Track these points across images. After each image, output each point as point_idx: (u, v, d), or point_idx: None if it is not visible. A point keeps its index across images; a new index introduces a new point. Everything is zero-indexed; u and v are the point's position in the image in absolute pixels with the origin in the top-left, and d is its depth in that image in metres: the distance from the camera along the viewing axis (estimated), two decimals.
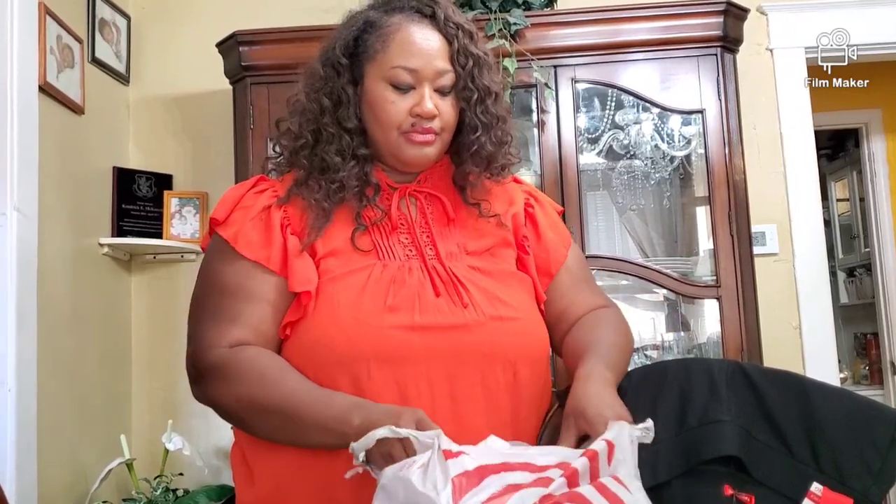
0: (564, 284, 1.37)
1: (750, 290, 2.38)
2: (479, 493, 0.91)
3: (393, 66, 1.24)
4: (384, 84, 1.25)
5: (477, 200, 1.34)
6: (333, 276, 1.21)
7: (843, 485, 1.05)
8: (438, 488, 0.90)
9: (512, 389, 1.21)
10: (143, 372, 2.77)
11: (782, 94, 2.80)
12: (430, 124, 1.26)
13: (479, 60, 1.29)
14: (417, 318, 1.18)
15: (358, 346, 1.14)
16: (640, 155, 2.61)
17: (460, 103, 1.29)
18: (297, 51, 2.42)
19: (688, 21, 2.44)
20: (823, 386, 1.16)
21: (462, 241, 1.30)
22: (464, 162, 1.32)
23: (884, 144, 4.53)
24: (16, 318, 2.07)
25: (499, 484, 0.92)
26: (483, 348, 1.20)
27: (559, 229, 1.42)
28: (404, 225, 1.28)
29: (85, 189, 2.56)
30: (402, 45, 1.25)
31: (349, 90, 1.27)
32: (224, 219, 1.27)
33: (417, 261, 1.24)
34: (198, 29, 2.85)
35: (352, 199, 1.27)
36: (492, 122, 1.31)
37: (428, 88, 1.25)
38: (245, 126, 2.47)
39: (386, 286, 1.20)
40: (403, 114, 1.25)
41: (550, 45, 2.45)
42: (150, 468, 2.51)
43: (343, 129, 1.27)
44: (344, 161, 1.26)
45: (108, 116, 2.72)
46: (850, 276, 5.49)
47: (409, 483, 0.92)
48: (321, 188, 1.26)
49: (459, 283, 1.23)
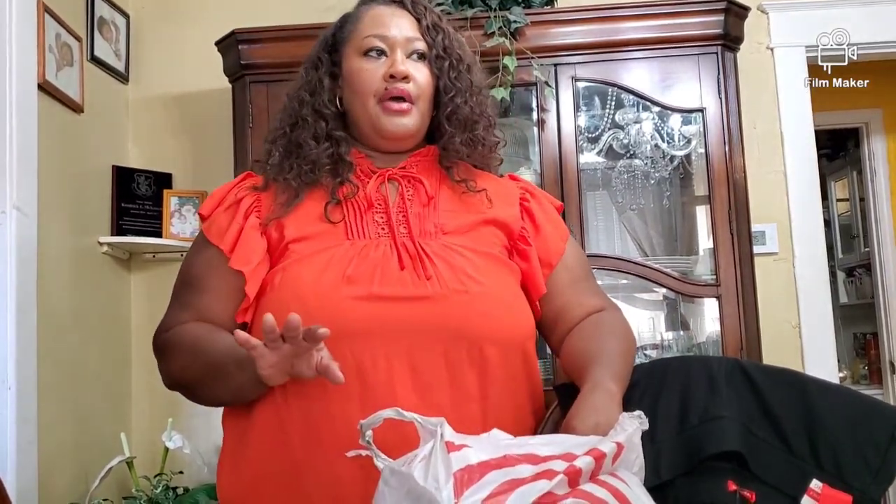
0: (562, 282, 1.35)
1: (750, 289, 2.38)
2: (481, 489, 0.90)
3: (365, 36, 1.32)
4: (358, 56, 1.32)
5: (463, 178, 1.34)
6: (300, 256, 1.23)
7: (843, 482, 1.05)
8: (440, 483, 0.89)
9: (479, 368, 1.19)
10: (143, 370, 2.77)
11: (783, 93, 2.80)
12: (405, 86, 1.29)
13: (450, 34, 1.35)
14: (375, 289, 1.18)
15: (314, 318, 1.10)
16: (640, 154, 2.61)
17: (434, 71, 1.33)
18: (296, 49, 2.42)
19: (688, 19, 2.43)
20: (823, 383, 1.16)
21: (440, 222, 1.29)
22: (444, 132, 1.34)
23: (884, 144, 4.53)
24: (16, 316, 2.07)
25: (500, 479, 0.91)
26: (444, 321, 1.18)
27: (556, 223, 1.41)
28: (381, 205, 1.29)
29: (84, 188, 2.55)
30: (372, 18, 1.34)
31: (326, 80, 1.34)
32: (208, 214, 1.34)
33: (388, 238, 1.25)
34: (197, 27, 2.85)
35: (326, 179, 1.30)
36: (466, 87, 1.34)
37: (400, 54, 1.31)
38: (244, 124, 2.47)
39: (347, 261, 1.21)
40: (377, 78, 1.30)
41: (550, 43, 2.45)
42: (151, 466, 2.51)
43: (319, 115, 1.32)
44: (318, 143, 1.31)
45: (107, 115, 2.72)
46: (850, 275, 5.49)
47: (410, 478, 0.91)
48: (293, 169, 1.31)
49: (427, 257, 1.22)
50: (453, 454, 0.93)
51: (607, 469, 0.96)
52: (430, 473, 0.91)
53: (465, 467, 0.91)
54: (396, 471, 0.95)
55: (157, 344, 1.32)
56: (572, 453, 0.94)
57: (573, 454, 0.94)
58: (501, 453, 0.94)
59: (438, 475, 0.90)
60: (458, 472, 0.90)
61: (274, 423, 1.18)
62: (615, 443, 0.98)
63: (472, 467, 0.92)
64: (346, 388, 1.11)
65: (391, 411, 1.00)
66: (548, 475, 0.91)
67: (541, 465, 0.93)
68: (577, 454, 0.94)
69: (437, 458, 0.92)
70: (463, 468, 0.91)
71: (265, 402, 1.19)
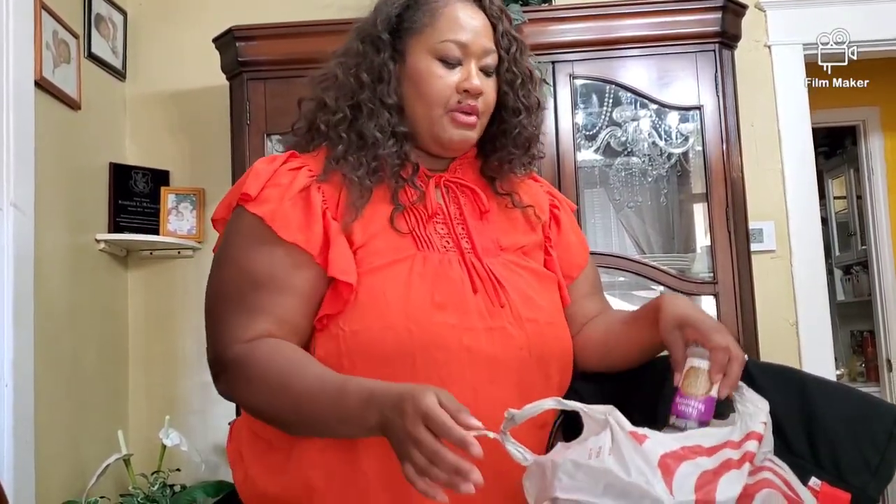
0: (579, 290, 1.37)
1: (747, 286, 2.38)
2: (684, 481, 0.86)
3: (442, 39, 1.22)
4: (431, 58, 1.23)
5: (507, 192, 1.33)
6: (374, 266, 1.16)
7: (841, 480, 1.05)
8: (649, 477, 0.86)
9: (543, 391, 1.17)
10: (141, 368, 2.77)
11: (780, 91, 2.80)
12: (475, 102, 1.23)
13: (521, 45, 1.30)
14: (463, 318, 1.15)
15: (406, 342, 1.10)
16: (637, 152, 2.61)
17: (502, 86, 1.28)
18: (293, 46, 2.44)
19: (686, 17, 2.43)
20: (822, 381, 1.16)
21: (495, 236, 1.28)
22: (500, 148, 1.31)
23: (881, 142, 4.52)
24: (12, 314, 2.07)
25: (694, 471, 0.87)
26: (520, 353, 1.18)
27: (580, 235, 1.43)
28: (440, 215, 1.25)
29: (81, 185, 2.55)
30: (451, 20, 1.23)
31: (390, 66, 1.23)
32: (256, 195, 1.18)
33: (455, 254, 1.21)
34: (194, 24, 2.84)
35: (388, 179, 1.22)
36: (533, 107, 1.31)
37: (474, 65, 1.23)
38: (242, 121, 2.47)
39: (430, 281, 1.16)
40: (450, 89, 1.22)
41: (548, 40, 2.44)
42: (148, 464, 2.50)
43: (384, 105, 1.22)
44: (384, 137, 1.21)
45: (104, 112, 2.71)
46: (847, 273, 5.49)
47: (608, 472, 0.87)
48: (362, 165, 1.21)
49: (497, 283, 1.21)
50: (644, 444, 0.89)
51: (762, 452, 0.94)
52: (633, 467, 0.87)
53: (661, 460, 0.87)
54: (583, 465, 0.90)
55: (225, 360, 1.15)
56: (733, 440, 0.92)
57: (734, 441, 0.92)
58: (678, 445, 0.90)
59: (642, 468, 0.86)
60: (661, 463, 0.87)
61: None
62: (762, 423, 0.95)
63: (665, 460, 0.88)
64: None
65: (552, 401, 0.96)
66: (733, 464, 0.88)
67: (714, 456, 0.90)
68: (737, 440, 0.91)
69: (630, 449, 0.88)
70: (663, 455, 0.87)
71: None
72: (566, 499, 0.90)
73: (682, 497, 0.85)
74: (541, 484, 0.96)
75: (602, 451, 0.89)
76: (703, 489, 0.85)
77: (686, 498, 0.85)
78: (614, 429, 0.90)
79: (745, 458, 0.89)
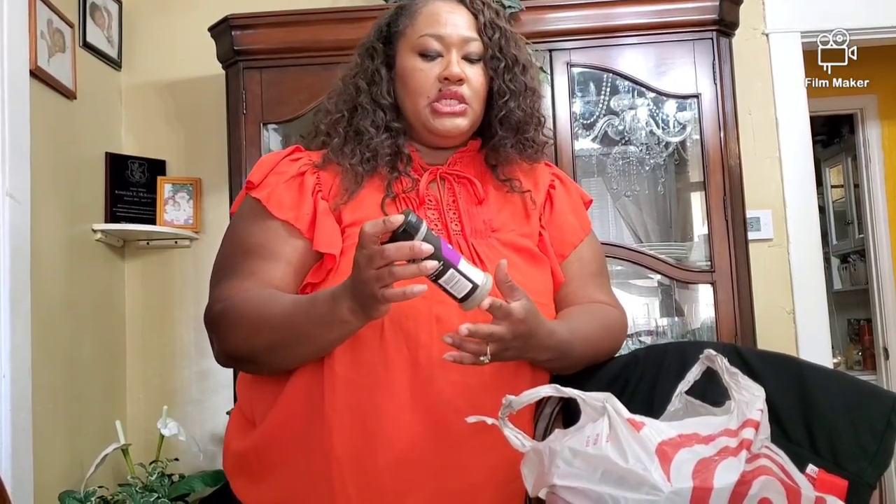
0: (572, 272, 1.37)
1: (744, 275, 2.38)
2: (681, 468, 0.86)
3: (420, 35, 1.31)
4: (413, 55, 1.32)
5: (508, 177, 1.36)
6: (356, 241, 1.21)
7: (839, 467, 1.06)
8: (647, 464, 0.86)
9: (517, 367, 1.21)
10: (138, 358, 2.77)
11: (778, 79, 2.80)
12: (458, 88, 1.29)
13: (507, 33, 1.34)
14: (437, 290, 1.14)
15: None
16: (634, 141, 2.61)
17: (490, 73, 1.33)
18: (289, 35, 2.43)
19: (683, 4, 2.42)
20: (820, 369, 1.16)
21: (488, 219, 1.32)
22: (494, 134, 1.35)
23: (879, 130, 4.52)
24: (9, 304, 2.06)
25: (692, 458, 0.88)
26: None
27: (579, 214, 1.43)
28: (432, 202, 1.30)
29: (77, 175, 2.54)
30: (428, 16, 1.32)
31: (382, 71, 1.34)
32: (259, 182, 1.30)
33: (441, 235, 1.24)
34: (190, 13, 2.83)
35: (383, 169, 1.31)
36: (520, 90, 1.34)
37: (455, 55, 1.30)
38: (238, 111, 2.46)
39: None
40: (431, 80, 1.29)
41: (545, 28, 2.43)
42: (146, 454, 2.51)
43: (377, 104, 1.32)
44: (378, 132, 1.31)
45: (100, 102, 2.70)
46: (844, 262, 5.50)
47: (606, 459, 0.87)
48: (356, 154, 1.30)
49: (479, 260, 1.24)
50: (641, 432, 0.89)
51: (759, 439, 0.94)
52: (630, 454, 0.87)
53: (658, 447, 0.88)
54: (581, 452, 0.91)
55: (212, 315, 1.25)
56: (730, 428, 0.92)
57: (731, 429, 0.92)
58: (675, 433, 0.91)
59: (640, 455, 0.87)
60: (658, 451, 0.87)
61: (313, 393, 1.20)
62: (759, 410, 0.95)
63: (663, 447, 0.88)
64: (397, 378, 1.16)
65: (550, 388, 0.97)
66: (730, 452, 0.88)
67: (711, 443, 0.90)
68: (734, 428, 0.92)
69: (628, 436, 0.89)
70: (660, 443, 0.88)
71: (304, 375, 1.21)
72: (564, 486, 0.91)
73: (679, 484, 0.85)
74: (539, 471, 0.96)
75: (600, 438, 0.90)
76: (700, 476, 0.85)
77: (683, 485, 0.85)
78: (612, 416, 0.91)
79: (742, 446, 0.89)
